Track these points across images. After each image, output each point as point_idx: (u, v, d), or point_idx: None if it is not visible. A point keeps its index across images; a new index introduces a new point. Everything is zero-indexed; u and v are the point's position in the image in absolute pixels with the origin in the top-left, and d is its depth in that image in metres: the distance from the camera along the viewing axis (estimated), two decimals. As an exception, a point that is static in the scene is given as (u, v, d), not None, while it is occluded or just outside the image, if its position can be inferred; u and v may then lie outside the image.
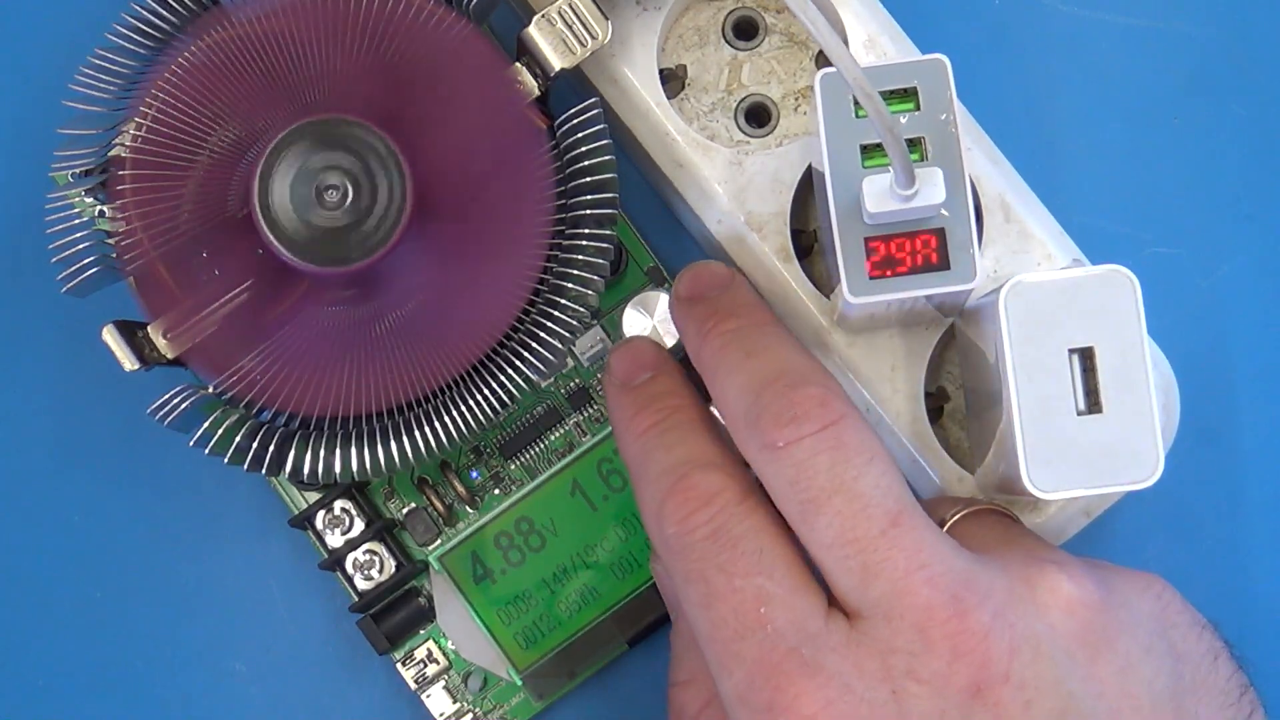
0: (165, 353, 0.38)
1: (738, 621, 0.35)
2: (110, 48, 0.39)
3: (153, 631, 0.44)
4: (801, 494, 0.35)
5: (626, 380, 0.39)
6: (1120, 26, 0.45)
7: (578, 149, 0.39)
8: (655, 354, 0.39)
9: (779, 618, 0.34)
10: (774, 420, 0.35)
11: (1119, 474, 0.36)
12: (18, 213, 0.44)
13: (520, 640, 0.42)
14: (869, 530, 0.34)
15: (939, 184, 0.36)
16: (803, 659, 0.34)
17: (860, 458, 0.35)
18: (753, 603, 0.35)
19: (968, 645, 0.34)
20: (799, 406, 0.35)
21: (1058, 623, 0.34)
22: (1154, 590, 0.37)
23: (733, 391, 0.36)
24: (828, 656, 0.34)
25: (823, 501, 0.34)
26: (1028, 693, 0.34)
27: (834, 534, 0.34)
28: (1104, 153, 0.45)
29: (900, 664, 0.34)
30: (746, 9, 0.43)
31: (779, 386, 0.35)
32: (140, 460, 0.44)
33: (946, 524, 0.37)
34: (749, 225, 0.41)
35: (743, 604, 0.35)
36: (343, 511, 0.42)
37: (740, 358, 0.37)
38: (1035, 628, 0.34)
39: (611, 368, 0.39)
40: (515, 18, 0.42)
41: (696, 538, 0.35)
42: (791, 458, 0.35)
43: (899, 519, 0.34)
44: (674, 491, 0.36)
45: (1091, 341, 0.36)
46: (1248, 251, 0.45)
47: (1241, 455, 0.44)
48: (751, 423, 0.35)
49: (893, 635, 0.34)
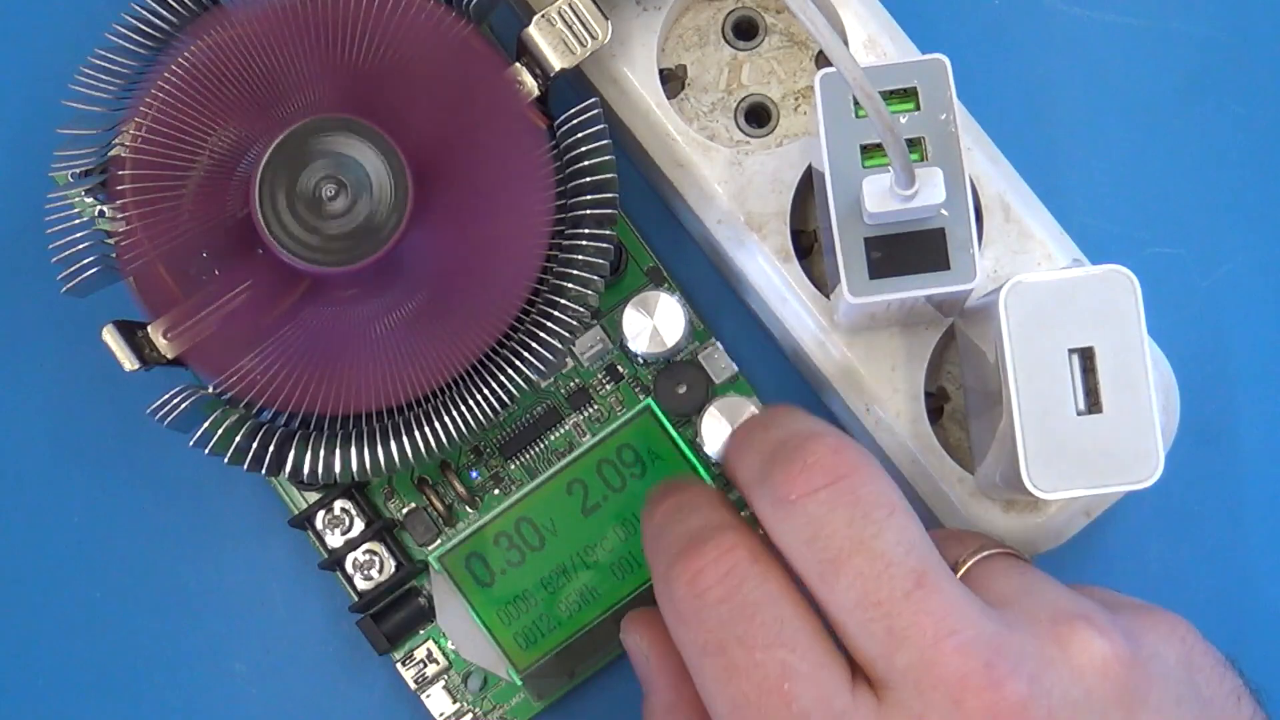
0: (165, 353, 0.38)
1: (761, 699, 0.33)
2: (110, 48, 0.39)
3: (152, 631, 0.44)
4: (820, 554, 0.33)
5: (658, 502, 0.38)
6: (1120, 26, 0.45)
7: (578, 149, 0.39)
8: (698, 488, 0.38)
9: (804, 695, 0.33)
10: (785, 472, 0.34)
11: (1119, 474, 0.36)
12: (18, 213, 0.44)
13: (520, 640, 0.42)
14: (893, 592, 0.33)
15: (939, 184, 0.36)
16: None
17: (880, 512, 0.33)
18: (776, 679, 0.33)
19: (1005, 716, 0.32)
20: (810, 457, 0.34)
21: (1094, 686, 0.33)
22: (1178, 634, 0.35)
23: (747, 461, 0.35)
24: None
25: (842, 562, 0.33)
26: None
27: (856, 597, 0.33)
28: (1104, 153, 0.45)
29: None
30: (746, 9, 0.43)
31: (792, 442, 0.34)
32: (140, 460, 0.44)
33: (960, 570, 0.36)
34: (749, 225, 0.41)
35: (765, 680, 0.33)
36: (343, 511, 0.42)
37: (757, 430, 0.36)
38: (1072, 693, 0.33)
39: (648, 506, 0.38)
40: (515, 18, 0.42)
41: (709, 600, 0.34)
42: (806, 513, 0.33)
43: (923, 579, 0.33)
44: (684, 553, 0.34)
45: (1091, 341, 0.36)
46: (1248, 251, 0.45)
47: (1241, 455, 0.44)
48: (763, 478, 0.34)
49: (926, 709, 0.32)
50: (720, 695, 0.34)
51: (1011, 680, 0.32)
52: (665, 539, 0.36)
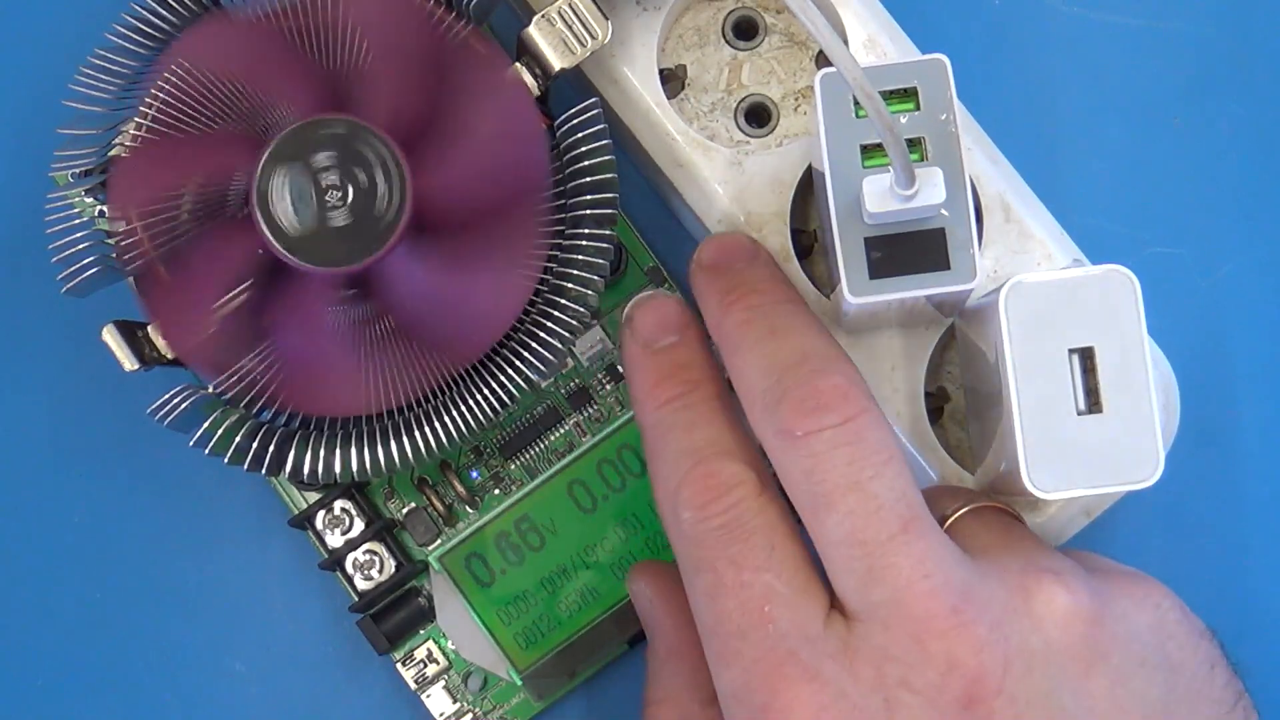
0: (165, 353, 0.38)
1: (742, 617, 0.35)
2: (110, 48, 0.39)
3: (153, 631, 0.44)
4: (816, 487, 0.35)
5: (650, 341, 0.38)
6: (1120, 26, 0.45)
7: (578, 149, 0.39)
8: (680, 315, 0.39)
9: (782, 618, 0.34)
10: (795, 407, 0.35)
11: (1119, 474, 0.36)
12: (18, 213, 0.44)
13: (520, 640, 0.42)
14: (879, 534, 0.34)
15: (939, 184, 0.36)
16: (801, 663, 0.34)
17: (878, 457, 0.34)
18: (759, 600, 0.35)
19: (962, 658, 0.34)
20: (822, 396, 0.35)
21: (1052, 636, 0.34)
22: (1153, 600, 0.36)
23: (753, 370, 0.36)
24: (824, 662, 0.34)
25: (836, 499, 0.34)
26: (1019, 706, 0.34)
27: (844, 533, 0.34)
28: (1104, 153, 0.45)
29: (895, 672, 0.34)
30: (746, 9, 0.43)
31: (803, 371, 0.35)
32: (140, 460, 0.44)
33: (948, 519, 0.37)
34: (749, 225, 0.41)
35: (749, 600, 0.35)
36: (343, 511, 0.42)
37: (763, 334, 0.36)
38: (1030, 641, 0.34)
39: (635, 324, 0.38)
40: (515, 18, 0.42)
41: (711, 526, 0.35)
42: (809, 448, 0.35)
43: (909, 525, 0.34)
44: (692, 478, 0.36)
45: (1091, 341, 0.36)
46: (1248, 251, 0.45)
47: (1241, 455, 0.44)
48: (771, 406, 0.35)
49: (889, 643, 0.34)
50: (707, 609, 0.35)
51: (974, 625, 0.34)
52: (670, 447, 0.37)
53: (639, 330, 0.38)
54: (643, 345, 0.38)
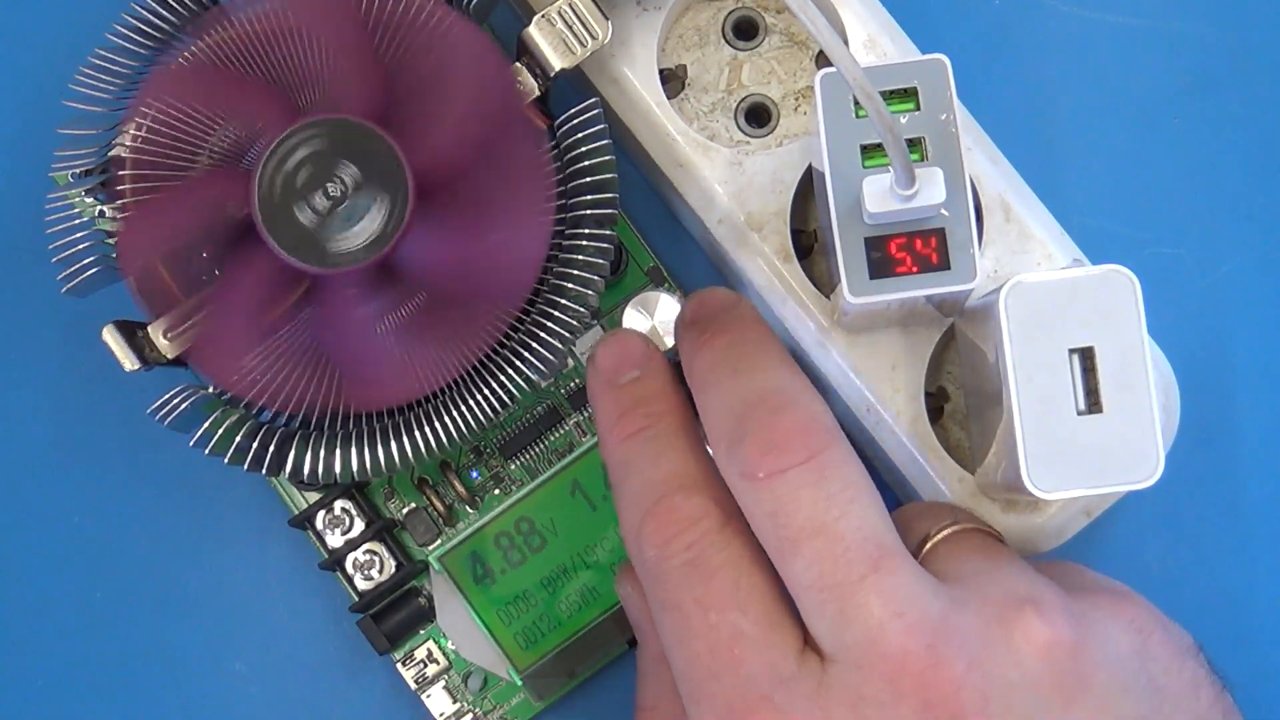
0: (165, 353, 0.38)
1: (711, 659, 0.34)
2: (110, 48, 0.39)
3: (153, 631, 0.44)
4: (781, 530, 0.34)
5: (612, 377, 0.38)
6: (1120, 26, 0.45)
7: (578, 149, 0.39)
8: (644, 350, 0.38)
9: (752, 659, 0.34)
10: (756, 448, 0.34)
11: (1119, 474, 0.36)
12: (18, 213, 0.44)
13: (520, 640, 0.42)
14: (848, 575, 0.33)
15: (939, 184, 0.36)
16: (774, 706, 0.34)
17: (844, 495, 0.34)
18: (727, 642, 0.34)
19: (939, 697, 0.33)
20: (782, 435, 0.34)
21: (1032, 669, 0.34)
22: (1136, 624, 0.36)
23: (716, 410, 0.35)
24: (798, 703, 0.34)
25: (802, 542, 0.34)
26: None
27: (812, 577, 0.34)
28: (1104, 153, 0.45)
29: (871, 714, 0.33)
30: (746, 9, 0.43)
31: (762, 410, 0.35)
32: (140, 460, 0.44)
33: (930, 540, 0.37)
34: (749, 225, 0.41)
35: (717, 643, 0.34)
36: (343, 511, 0.42)
37: (726, 374, 0.36)
38: (1009, 675, 0.34)
39: (597, 361, 0.38)
40: (515, 18, 0.42)
41: (675, 564, 0.35)
42: (772, 491, 0.34)
43: (880, 563, 0.34)
44: (654, 514, 0.35)
45: (1091, 341, 0.36)
46: (1248, 251, 0.45)
47: (1241, 455, 0.44)
48: (732, 447, 0.35)
49: (864, 684, 0.33)
50: (677, 651, 0.35)
51: (950, 662, 0.33)
52: (633, 481, 0.36)
53: (601, 367, 0.38)
54: (605, 382, 0.38)
